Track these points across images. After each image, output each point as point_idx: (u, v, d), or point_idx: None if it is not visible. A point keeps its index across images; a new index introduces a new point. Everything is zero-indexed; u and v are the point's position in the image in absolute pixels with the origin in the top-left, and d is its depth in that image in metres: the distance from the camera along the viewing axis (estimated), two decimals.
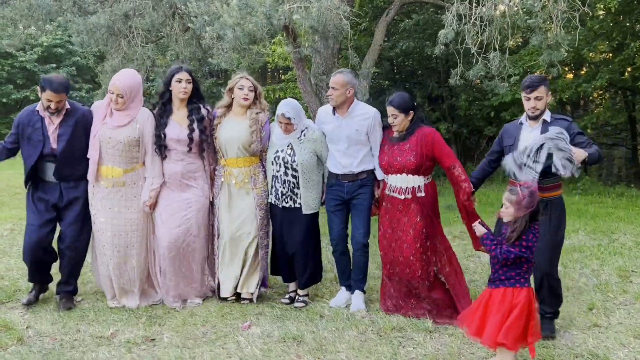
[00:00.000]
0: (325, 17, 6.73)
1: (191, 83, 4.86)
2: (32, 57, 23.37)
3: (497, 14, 8.03)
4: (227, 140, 4.85)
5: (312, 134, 4.82)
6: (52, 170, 4.69)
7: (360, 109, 4.76)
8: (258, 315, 4.62)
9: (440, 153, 4.50)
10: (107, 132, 4.68)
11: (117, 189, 4.75)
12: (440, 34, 7.55)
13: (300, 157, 4.77)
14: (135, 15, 10.00)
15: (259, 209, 4.92)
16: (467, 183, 4.44)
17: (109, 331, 4.28)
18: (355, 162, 4.75)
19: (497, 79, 8.54)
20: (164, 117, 4.83)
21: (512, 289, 3.51)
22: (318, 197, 4.90)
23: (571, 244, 6.88)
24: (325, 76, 9.18)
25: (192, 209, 4.87)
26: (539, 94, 4.15)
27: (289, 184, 4.80)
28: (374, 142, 4.75)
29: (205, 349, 3.97)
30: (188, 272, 4.93)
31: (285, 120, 4.70)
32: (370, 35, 13.02)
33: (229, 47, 7.78)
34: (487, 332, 3.48)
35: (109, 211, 4.75)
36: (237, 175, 4.89)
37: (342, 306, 4.81)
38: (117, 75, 4.75)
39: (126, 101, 4.69)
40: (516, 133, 4.30)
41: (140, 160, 4.82)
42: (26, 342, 4.09)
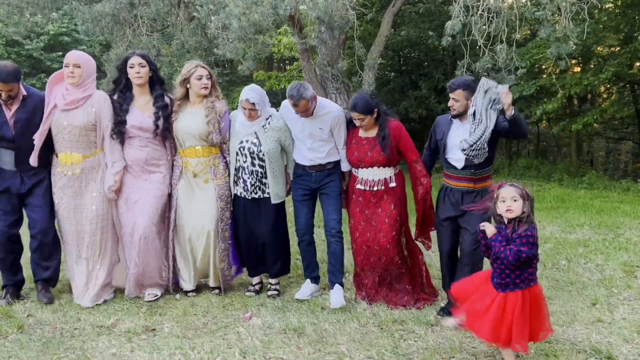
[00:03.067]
0: (332, 8, 6.69)
1: (145, 67, 4.73)
2: (38, 45, 23.35)
3: (504, 6, 7.96)
4: (184, 130, 4.75)
5: (277, 123, 4.76)
6: (9, 157, 4.57)
7: (324, 108, 4.69)
8: (259, 307, 4.60)
9: (405, 147, 4.58)
10: (61, 118, 4.56)
11: (77, 176, 4.64)
12: (447, 25, 7.51)
13: (266, 146, 4.70)
14: (141, 3, 9.97)
15: (219, 200, 4.83)
16: (427, 179, 4.58)
17: (110, 320, 4.28)
18: (322, 155, 4.73)
19: (504, 71, 8.48)
20: (124, 104, 4.73)
21: (529, 289, 3.44)
22: (285, 186, 4.88)
23: (576, 239, 6.84)
24: (331, 67, 9.14)
25: (154, 196, 4.77)
26: (455, 96, 4.32)
27: (257, 174, 4.74)
28: (338, 140, 4.72)
29: (205, 339, 3.96)
30: (151, 260, 4.81)
31: (250, 106, 4.61)
32: (377, 25, 12.96)
33: (235, 36, 7.75)
34: (516, 338, 3.36)
35: (70, 199, 4.65)
36: (196, 166, 4.79)
37: (307, 298, 4.79)
38: (70, 52, 4.68)
39: (82, 73, 4.56)
40: (446, 128, 4.45)
41: (99, 145, 4.71)
42: (26, 330, 4.09)
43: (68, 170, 4.63)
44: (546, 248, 6.41)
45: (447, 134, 4.42)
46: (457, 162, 4.37)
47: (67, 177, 4.64)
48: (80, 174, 4.65)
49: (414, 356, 3.74)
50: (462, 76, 4.58)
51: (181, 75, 4.79)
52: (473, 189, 4.34)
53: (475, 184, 4.34)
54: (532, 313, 3.42)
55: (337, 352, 3.77)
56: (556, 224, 7.79)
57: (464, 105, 4.30)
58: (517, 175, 13.18)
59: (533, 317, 3.43)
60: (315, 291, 4.89)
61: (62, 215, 4.69)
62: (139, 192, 4.74)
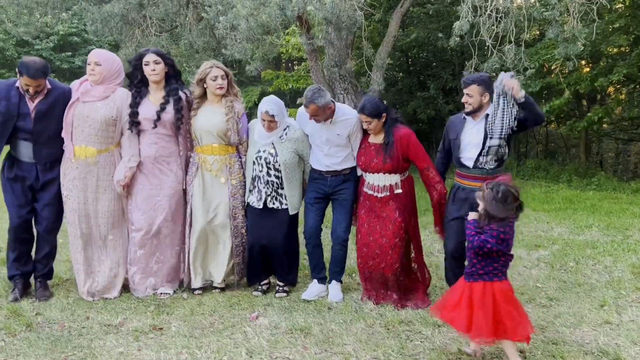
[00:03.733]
0: (339, 9, 6.69)
1: (160, 64, 4.74)
2: (48, 45, 23.48)
3: (513, 6, 7.93)
4: (202, 127, 4.77)
5: (294, 134, 4.78)
6: (28, 149, 4.60)
7: (342, 115, 4.69)
8: (266, 306, 4.61)
9: (415, 155, 4.56)
10: (84, 110, 4.58)
11: (89, 170, 4.66)
12: (456, 26, 7.50)
13: (283, 156, 4.71)
14: (150, 4, 10.02)
15: (233, 199, 4.85)
16: (441, 184, 4.57)
17: (117, 319, 4.30)
18: (338, 161, 4.75)
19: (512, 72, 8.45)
20: (137, 97, 4.75)
21: (492, 282, 3.54)
22: (301, 196, 4.90)
23: (584, 240, 6.81)
24: (338, 68, 9.14)
25: (165, 195, 4.79)
26: (469, 91, 4.31)
27: (273, 184, 4.75)
28: (355, 146, 4.74)
29: (212, 338, 3.97)
30: (161, 259, 4.86)
31: (269, 118, 4.62)
32: (385, 25, 12.95)
33: (243, 37, 7.77)
34: (475, 327, 3.49)
35: (81, 193, 4.66)
36: (212, 163, 4.82)
37: (314, 298, 4.79)
38: (94, 50, 4.73)
39: (103, 71, 4.59)
40: (459, 128, 4.44)
41: (115, 141, 4.73)
42: (35, 328, 4.11)
43: (81, 164, 4.64)
44: (554, 249, 6.39)
45: (460, 132, 4.41)
46: (469, 161, 4.36)
47: (79, 169, 4.64)
48: (93, 168, 4.66)
49: (421, 357, 3.73)
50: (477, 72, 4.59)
51: (197, 74, 4.83)
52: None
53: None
54: (500, 309, 3.47)
55: (344, 353, 3.77)
56: (564, 225, 7.76)
57: (478, 101, 4.30)
58: (525, 176, 13.13)
59: (504, 314, 3.47)
60: (322, 291, 4.89)
61: (71, 207, 4.69)
62: (151, 190, 4.77)
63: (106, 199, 4.73)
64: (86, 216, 4.70)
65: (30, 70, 4.37)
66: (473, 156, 4.34)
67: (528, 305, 4.64)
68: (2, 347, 3.79)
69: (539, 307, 4.61)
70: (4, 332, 4.02)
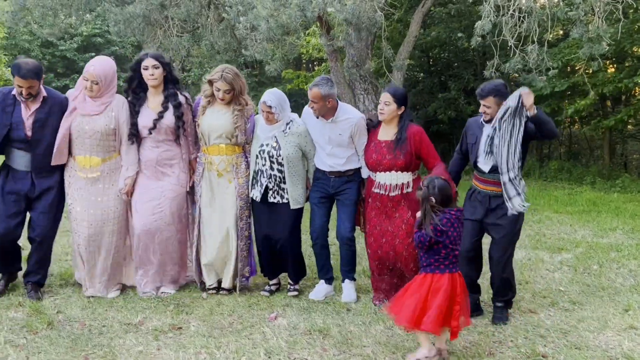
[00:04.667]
0: (360, 9, 6.66)
1: (159, 68, 4.72)
2: (71, 46, 23.79)
3: (536, 6, 7.83)
4: (209, 127, 4.77)
5: (297, 128, 4.77)
6: (23, 158, 4.59)
7: (344, 114, 4.68)
8: (285, 307, 4.61)
9: (427, 153, 4.53)
10: (83, 123, 4.59)
11: (95, 179, 4.68)
12: (477, 25, 7.42)
13: (285, 150, 4.71)
14: (171, 5, 10.09)
15: (239, 199, 4.85)
16: (451, 183, 4.42)
17: (137, 318, 4.33)
18: (341, 161, 4.73)
19: (534, 72, 8.35)
20: (136, 105, 4.75)
21: (432, 274, 3.64)
22: (304, 192, 4.87)
23: (608, 243, 6.70)
24: (358, 68, 9.11)
25: (166, 197, 4.79)
26: (487, 103, 4.26)
27: (275, 178, 4.74)
28: (359, 146, 4.71)
29: (231, 338, 3.97)
30: (163, 261, 4.85)
31: (267, 109, 4.63)
32: (405, 25, 12.89)
33: (263, 38, 7.78)
34: (402, 312, 3.62)
35: (86, 201, 4.67)
36: (219, 164, 4.82)
37: (322, 299, 4.79)
38: (91, 62, 4.62)
39: (101, 88, 4.59)
40: (478, 132, 4.40)
41: (117, 149, 4.75)
42: (56, 326, 4.15)
43: (87, 173, 4.67)
44: (577, 252, 6.29)
45: (480, 138, 4.37)
46: (485, 166, 4.32)
47: (85, 179, 4.67)
48: (99, 176, 4.69)
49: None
50: (490, 81, 4.50)
51: (209, 75, 4.81)
52: (501, 193, 4.26)
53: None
54: (428, 300, 3.58)
55: (363, 355, 3.75)
56: (588, 227, 7.64)
57: (496, 111, 4.24)
58: (548, 178, 12.97)
59: (430, 306, 3.56)
60: (329, 292, 4.89)
61: (75, 216, 4.71)
62: (152, 193, 4.78)
63: (111, 205, 4.74)
64: (91, 223, 4.70)
65: (21, 70, 4.35)
66: (488, 162, 4.30)
67: (551, 309, 4.58)
68: (24, 344, 3.83)
69: (561, 311, 4.54)
70: (25, 330, 4.06)
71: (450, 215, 3.66)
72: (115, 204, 4.76)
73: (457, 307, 3.60)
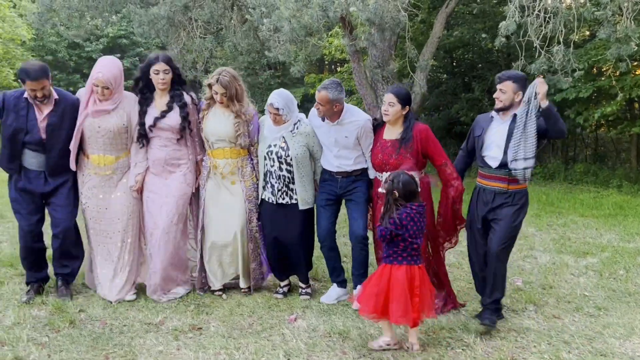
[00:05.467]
0: (383, 9, 6.62)
1: (169, 73, 4.74)
2: (97, 47, 24.10)
3: (562, 6, 7.71)
4: (212, 132, 4.78)
5: (305, 128, 4.76)
6: (36, 159, 4.62)
7: (350, 116, 4.65)
8: (304, 309, 4.59)
9: (433, 151, 4.46)
10: (95, 122, 4.64)
11: (108, 177, 4.73)
12: (501, 26, 7.33)
13: (294, 150, 4.69)
14: (195, 6, 10.15)
15: (247, 202, 4.85)
16: (458, 181, 4.46)
17: (158, 318, 4.35)
18: (350, 162, 4.70)
19: (560, 73, 8.21)
20: (144, 105, 4.77)
21: (390, 266, 3.79)
22: (313, 192, 4.84)
23: (635, 247, 6.56)
24: (381, 69, 9.06)
25: (174, 197, 4.78)
26: (503, 87, 4.21)
27: (284, 179, 4.73)
28: (365, 148, 4.67)
29: (250, 340, 3.97)
30: (172, 261, 4.84)
31: (274, 111, 4.62)
32: (429, 26, 12.80)
33: (285, 39, 7.78)
34: (361, 300, 3.83)
35: (99, 200, 4.72)
36: (223, 167, 4.82)
37: (334, 302, 4.75)
38: (98, 67, 4.59)
39: (112, 91, 4.63)
40: (485, 125, 4.35)
41: (129, 147, 4.80)
42: (78, 325, 4.19)
43: (100, 171, 4.71)
44: (603, 257, 6.18)
45: (486, 130, 4.32)
46: (493, 161, 4.25)
47: (99, 177, 4.72)
48: (112, 174, 4.74)
49: None
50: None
51: (209, 78, 4.81)
52: (506, 189, 4.21)
53: (509, 185, 4.20)
54: (388, 291, 3.72)
55: (382, 358, 3.72)
56: (614, 232, 7.49)
57: (510, 98, 4.20)
58: (573, 181, 12.77)
59: (390, 296, 3.71)
60: (342, 295, 4.85)
61: (90, 215, 4.76)
62: (160, 192, 4.80)
63: (124, 203, 4.78)
64: (106, 220, 4.75)
65: (30, 73, 4.39)
66: (497, 156, 4.23)
67: (575, 314, 4.49)
68: (46, 342, 3.88)
69: (586, 317, 4.45)
70: (48, 328, 4.11)
71: (411, 210, 3.79)
72: (128, 202, 4.79)
73: (417, 299, 3.73)
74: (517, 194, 4.22)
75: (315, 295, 4.93)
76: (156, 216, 4.77)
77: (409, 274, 3.75)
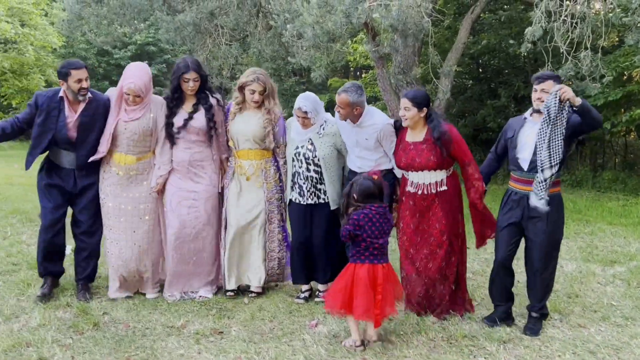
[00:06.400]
0: (406, 15, 6.60)
1: (198, 80, 4.82)
2: (126, 54, 24.50)
3: (590, 12, 7.59)
4: (239, 132, 4.85)
5: (332, 128, 4.79)
6: (68, 157, 4.73)
7: (370, 119, 4.65)
8: (325, 314, 4.56)
9: (458, 151, 4.43)
10: (122, 125, 4.72)
11: (129, 176, 4.80)
12: (528, 31, 7.25)
13: (321, 151, 4.73)
14: (221, 13, 10.23)
15: (268, 203, 4.90)
16: (480, 182, 4.42)
17: (180, 321, 4.38)
18: (371, 164, 4.69)
19: (588, 79, 8.08)
20: (173, 107, 4.84)
21: (354, 264, 3.97)
22: (341, 191, 4.81)
23: None
24: (405, 75, 9.03)
25: (201, 198, 4.86)
26: (546, 86, 4.13)
27: (312, 179, 4.76)
28: (387, 150, 4.68)
29: (271, 344, 3.97)
30: (198, 262, 4.90)
31: (302, 114, 4.66)
32: (454, 32, 12.73)
33: (309, 45, 7.80)
34: (327, 296, 4.07)
35: (118, 197, 4.79)
36: (248, 168, 4.88)
37: None
38: (129, 75, 4.68)
39: (143, 98, 4.72)
40: (517, 127, 4.32)
41: (152, 148, 4.87)
42: (101, 327, 4.24)
43: (121, 170, 4.79)
44: (631, 266, 6.05)
45: (518, 131, 4.29)
46: (524, 163, 4.21)
47: (119, 175, 4.80)
48: (133, 174, 4.81)
49: None
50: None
51: (239, 81, 4.89)
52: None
53: None
54: (352, 288, 3.89)
55: None
56: None
57: None
58: (602, 189, 12.54)
59: (354, 293, 3.87)
60: None
61: (107, 212, 4.83)
62: (186, 194, 4.85)
63: (142, 201, 4.85)
64: (125, 218, 4.82)
65: (73, 63, 4.66)
66: (528, 157, 4.19)
67: (602, 323, 4.41)
68: (70, 344, 3.93)
69: (613, 326, 4.36)
70: (72, 330, 4.17)
71: (370, 211, 3.93)
72: (147, 201, 4.86)
73: (379, 297, 3.87)
74: (551, 200, 4.12)
75: None
76: (184, 218, 4.84)
77: (371, 272, 3.90)
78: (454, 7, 13.87)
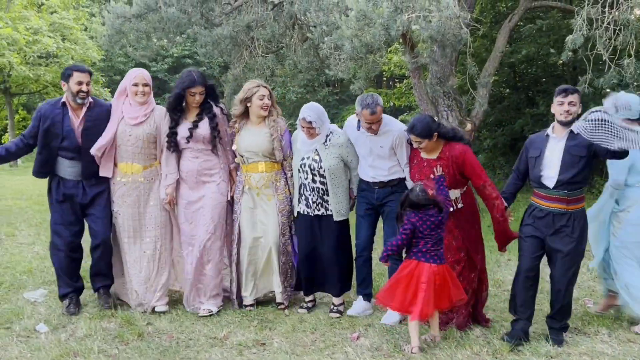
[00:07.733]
0: (445, 26, 6.56)
1: (204, 94, 4.86)
2: (162, 67, 24.94)
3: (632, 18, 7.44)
4: (248, 148, 4.85)
5: (338, 139, 4.77)
6: (72, 167, 4.78)
7: (385, 126, 4.63)
8: (367, 327, 4.56)
9: (471, 173, 4.37)
10: (126, 129, 4.78)
11: (136, 185, 4.84)
12: (568, 40, 7.13)
13: (327, 162, 4.71)
14: (257, 26, 10.34)
15: (280, 215, 4.89)
16: (499, 200, 4.34)
17: (222, 333, 4.41)
18: (384, 172, 4.68)
19: (632, 87, 7.90)
20: (178, 117, 4.86)
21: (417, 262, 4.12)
22: (347, 203, 4.84)
23: None
24: (441, 85, 8.98)
25: (208, 206, 4.85)
26: (574, 99, 4.10)
27: (318, 190, 4.74)
28: (400, 158, 4.65)
29: (313, 357, 3.97)
30: (207, 273, 4.89)
31: (307, 125, 4.65)
32: (490, 41, 12.61)
33: (346, 57, 7.80)
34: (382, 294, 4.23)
35: (129, 208, 4.83)
36: (258, 180, 4.87)
37: (359, 315, 4.73)
38: (133, 71, 4.88)
39: (150, 90, 4.83)
40: (542, 145, 4.23)
41: (158, 157, 4.91)
42: (146, 338, 4.30)
43: (128, 179, 4.83)
44: None
45: (544, 150, 4.22)
46: (549, 181, 4.13)
47: (127, 186, 4.84)
48: (140, 183, 4.85)
49: None
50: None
51: (242, 93, 4.89)
52: (566, 210, 4.11)
53: (568, 205, 4.11)
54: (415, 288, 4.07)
55: None
56: None
57: (577, 111, 4.13)
58: None
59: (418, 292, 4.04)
60: (367, 309, 4.83)
61: (121, 224, 4.88)
62: (196, 203, 4.88)
63: (153, 212, 4.89)
64: (136, 230, 4.87)
65: (76, 66, 4.78)
66: (554, 175, 4.12)
67: None
68: (115, 354, 3.99)
69: None
70: (117, 340, 4.23)
71: (424, 215, 4.05)
72: (155, 211, 4.89)
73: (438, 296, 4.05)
74: (576, 216, 4.11)
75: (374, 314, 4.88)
76: (193, 227, 4.87)
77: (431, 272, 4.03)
78: (490, 15, 13.73)
